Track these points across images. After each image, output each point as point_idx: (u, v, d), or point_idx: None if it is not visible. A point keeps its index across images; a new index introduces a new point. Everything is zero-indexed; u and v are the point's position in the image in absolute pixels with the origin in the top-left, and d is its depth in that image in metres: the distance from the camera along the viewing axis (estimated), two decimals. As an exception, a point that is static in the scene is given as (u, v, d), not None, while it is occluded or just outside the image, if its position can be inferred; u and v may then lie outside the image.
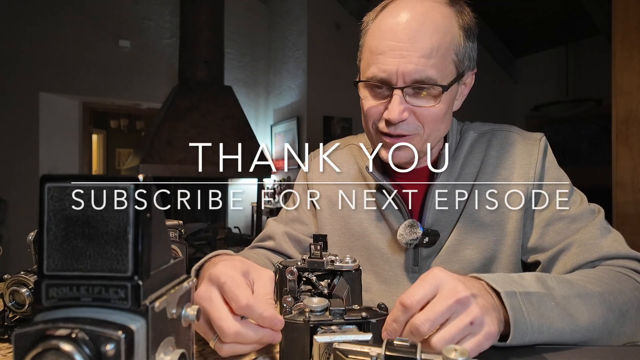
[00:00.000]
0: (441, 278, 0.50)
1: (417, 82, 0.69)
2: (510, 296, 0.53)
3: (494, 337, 0.49)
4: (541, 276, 0.59)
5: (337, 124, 5.03)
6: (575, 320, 0.55)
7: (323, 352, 0.47)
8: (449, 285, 0.49)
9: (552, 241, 0.75)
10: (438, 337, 0.46)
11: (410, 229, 0.78)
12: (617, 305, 0.59)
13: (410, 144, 0.74)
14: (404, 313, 0.49)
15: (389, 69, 0.69)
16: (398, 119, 0.71)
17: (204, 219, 4.39)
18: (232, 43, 5.39)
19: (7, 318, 0.61)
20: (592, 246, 0.70)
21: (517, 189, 0.76)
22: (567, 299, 0.56)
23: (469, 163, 0.81)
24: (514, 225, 0.77)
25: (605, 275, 0.64)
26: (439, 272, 0.51)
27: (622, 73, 2.07)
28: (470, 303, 0.48)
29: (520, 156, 0.79)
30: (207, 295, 0.49)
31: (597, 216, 0.75)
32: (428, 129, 0.74)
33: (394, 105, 0.70)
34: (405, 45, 0.68)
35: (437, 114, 0.72)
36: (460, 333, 0.47)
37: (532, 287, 0.55)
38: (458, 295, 0.48)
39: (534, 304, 0.53)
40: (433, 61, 0.68)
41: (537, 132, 0.83)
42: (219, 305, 0.49)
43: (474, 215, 0.79)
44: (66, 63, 4.70)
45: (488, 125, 0.86)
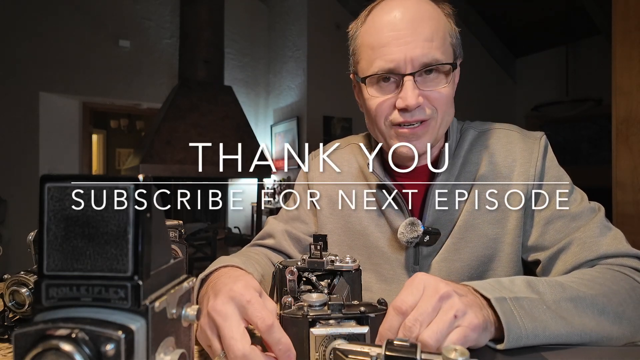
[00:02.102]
0: (425, 280, 0.52)
1: (425, 66, 0.71)
2: (501, 302, 0.53)
3: (479, 328, 0.50)
4: (531, 280, 0.59)
5: (337, 124, 5.03)
6: (568, 322, 0.55)
7: (319, 345, 0.47)
8: (431, 285, 0.51)
9: (553, 239, 0.75)
10: (426, 334, 0.47)
11: (411, 227, 0.78)
12: (611, 307, 0.59)
13: (427, 131, 0.75)
14: (398, 318, 0.49)
15: (396, 57, 0.70)
16: (415, 104, 0.71)
17: (204, 219, 4.40)
18: (232, 43, 5.39)
19: (7, 318, 0.61)
20: (591, 245, 0.70)
21: (517, 188, 0.77)
22: (557, 303, 0.56)
23: (470, 161, 0.81)
24: (514, 223, 0.77)
25: (601, 275, 0.64)
26: (422, 275, 0.52)
27: (622, 73, 2.07)
28: (452, 297, 0.50)
29: (521, 154, 0.79)
30: (225, 311, 0.49)
31: (597, 214, 0.75)
32: (441, 113, 0.75)
33: (408, 92, 0.71)
34: (407, 32, 0.70)
35: (448, 96, 0.75)
36: (446, 326, 0.48)
37: (522, 293, 0.56)
38: (440, 292, 0.50)
39: (525, 308, 0.54)
40: (436, 43, 0.71)
41: (538, 131, 0.83)
42: (234, 323, 0.48)
43: (475, 213, 0.79)
44: (66, 63, 4.70)
45: (488, 124, 0.87)
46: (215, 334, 0.49)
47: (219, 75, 4.42)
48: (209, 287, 0.59)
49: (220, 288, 0.53)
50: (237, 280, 0.54)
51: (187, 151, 3.80)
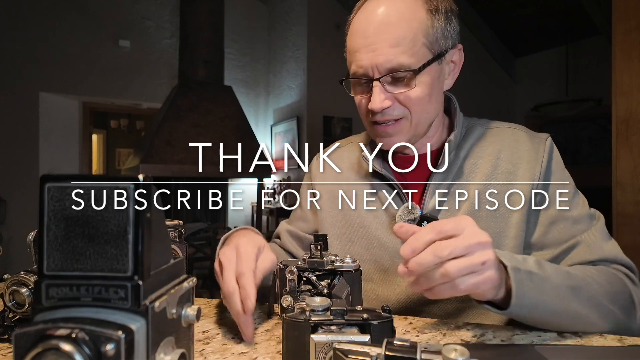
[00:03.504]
0: (471, 223, 0.57)
1: (390, 71, 0.74)
2: (516, 271, 0.58)
3: (494, 283, 0.56)
4: (541, 262, 0.64)
5: (337, 123, 5.03)
6: (565, 305, 0.61)
7: (319, 351, 0.46)
8: (474, 230, 0.56)
9: (555, 239, 0.77)
10: (452, 264, 0.52)
11: (409, 210, 0.81)
12: (603, 303, 0.65)
13: (399, 129, 0.79)
14: (432, 235, 0.55)
15: (364, 64, 0.75)
16: (379, 108, 0.76)
17: (204, 219, 4.39)
18: (232, 43, 5.39)
19: (7, 318, 0.61)
20: (596, 248, 0.75)
21: (522, 185, 0.78)
22: (560, 286, 0.62)
23: (474, 156, 0.83)
24: (518, 218, 0.78)
25: (601, 274, 0.69)
26: (469, 219, 0.57)
27: (622, 73, 2.07)
28: (488, 248, 0.55)
29: (527, 153, 0.80)
30: (228, 256, 0.64)
31: (599, 221, 0.79)
32: (415, 112, 0.78)
33: (375, 96, 0.76)
34: (374, 40, 0.74)
35: (419, 96, 0.76)
36: (472, 267, 0.53)
37: (534, 269, 0.61)
38: (480, 238, 0.55)
39: (535, 281, 0.59)
40: (402, 48, 0.73)
41: (543, 133, 0.84)
42: (231, 267, 0.62)
43: (479, 207, 0.80)
44: (66, 63, 4.70)
45: (495, 122, 0.88)
46: (221, 273, 0.64)
47: (219, 75, 4.42)
48: (225, 241, 0.75)
49: (231, 240, 0.70)
50: (244, 236, 0.69)
51: (187, 151, 3.80)
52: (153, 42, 5.15)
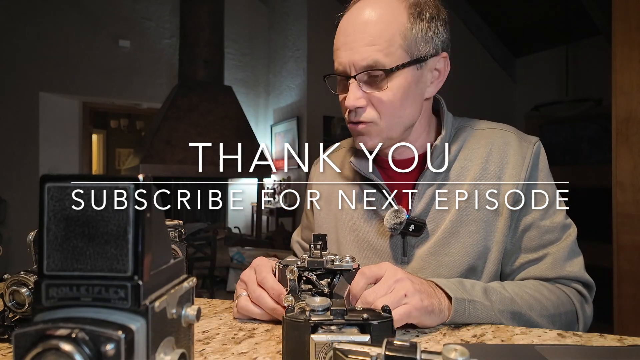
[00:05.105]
0: (390, 266, 0.65)
1: (366, 69, 0.75)
2: (459, 301, 0.65)
3: (423, 310, 0.61)
4: (488, 289, 0.70)
5: (337, 123, 5.03)
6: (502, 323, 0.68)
7: (319, 351, 0.46)
8: (392, 270, 0.64)
9: (524, 247, 0.80)
10: (379, 302, 0.59)
11: (395, 213, 0.81)
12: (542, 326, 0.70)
13: (369, 131, 0.80)
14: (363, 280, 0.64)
15: (343, 61, 0.77)
16: (353, 105, 0.77)
17: (204, 219, 4.39)
18: (232, 43, 5.39)
19: (7, 318, 0.61)
20: (558, 267, 0.78)
21: (507, 189, 0.79)
22: (502, 312, 0.69)
23: (462, 159, 0.83)
24: (503, 222, 0.79)
25: (550, 297, 0.74)
26: (389, 264, 0.66)
27: (622, 73, 2.07)
28: (405, 281, 0.62)
29: (514, 157, 0.80)
30: (247, 274, 0.71)
31: (570, 235, 0.80)
32: (385, 116, 0.78)
33: (350, 93, 0.77)
34: (353, 38, 0.76)
35: (391, 99, 0.76)
36: (395, 300, 0.60)
37: (478, 297, 0.67)
38: (397, 276, 0.63)
39: (478, 310, 0.66)
40: (377, 47, 0.74)
41: (533, 136, 0.84)
42: (252, 278, 0.69)
43: (466, 210, 0.80)
44: (66, 63, 4.70)
45: (485, 123, 0.88)
46: (243, 288, 0.72)
47: (219, 75, 4.42)
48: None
49: (251, 265, 0.76)
50: (259, 260, 0.74)
51: (187, 151, 3.80)
52: (153, 42, 5.15)
